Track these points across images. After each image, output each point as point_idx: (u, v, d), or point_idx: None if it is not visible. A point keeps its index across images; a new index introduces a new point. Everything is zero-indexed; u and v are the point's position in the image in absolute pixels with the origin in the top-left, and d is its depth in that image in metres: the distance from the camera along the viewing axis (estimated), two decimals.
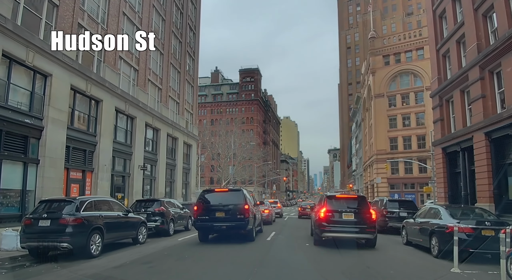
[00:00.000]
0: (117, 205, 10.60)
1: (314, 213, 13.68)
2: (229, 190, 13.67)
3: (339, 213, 11.45)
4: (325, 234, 11.50)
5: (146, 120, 26.83)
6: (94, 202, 9.45)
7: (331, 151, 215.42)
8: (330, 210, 11.54)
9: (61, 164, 17.06)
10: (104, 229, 9.07)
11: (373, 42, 49.60)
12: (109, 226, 9.50)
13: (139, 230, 11.55)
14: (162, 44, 30.74)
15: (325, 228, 11.37)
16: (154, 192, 28.28)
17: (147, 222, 13.35)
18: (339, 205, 11.82)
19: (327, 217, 11.42)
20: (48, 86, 16.69)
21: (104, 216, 9.52)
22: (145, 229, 11.97)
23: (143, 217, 12.45)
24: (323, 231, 11.47)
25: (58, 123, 16.94)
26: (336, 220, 11.35)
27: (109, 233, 9.38)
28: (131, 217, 11.02)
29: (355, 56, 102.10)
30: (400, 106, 46.53)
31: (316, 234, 12.07)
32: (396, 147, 46.13)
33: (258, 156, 67.82)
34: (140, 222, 11.62)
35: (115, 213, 10.30)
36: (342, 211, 11.46)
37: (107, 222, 9.51)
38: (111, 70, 21.94)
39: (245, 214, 12.24)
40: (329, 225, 11.32)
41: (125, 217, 10.62)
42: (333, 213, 11.46)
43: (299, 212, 30.18)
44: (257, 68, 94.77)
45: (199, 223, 12.58)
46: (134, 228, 11.13)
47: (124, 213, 10.70)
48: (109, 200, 10.91)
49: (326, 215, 11.45)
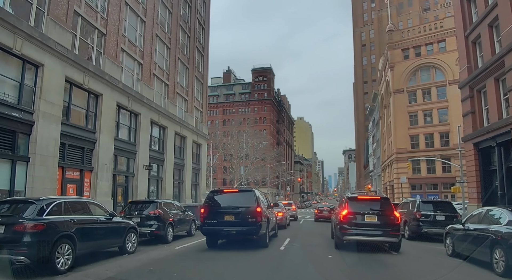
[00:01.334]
0: (98, 208, 8.81)
1: (335, 215, 13.16)
2: (240, 191, 12.29)
3: (361, 215, 11.01)
4: (347, 237, 10.93)
5: (152, 117, 25.33)
6: (65, 203, 7.69)
7: (346, 152, 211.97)
8: (352, 212, 11.08)
9: (54, 162, 15.59)
10: (76, 237, 7.27)
11: (391, 35, 47.23)
12: (84, 233, 7.73)
13: (127, 237, 9.71)
14: (169, 38, 29.27)
15: (346, 231, 10.88)
16: (161, 193, 26.75)
17: (141, 227, 11.66)
18: (361, 206, 11.37)
19: (349, 219, 10.99)
20: (40, 77, 15.27)
21: (78, 221, 7.71)
22: (135, 236, 10.18)
23: (134, 222, 10.71)
24: (344, 234, 10.94)
25: (51, 118, 15.49)
26: (358, 223, 10.90)
27: (84, 242, 7.58)
28: (116, 221, 9.16)
29: (370, 53, 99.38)
30: (421, 102, 43.99)
31: (337, 237, 11.54)
32: (417, 145, 43.60)
33: (271, 157, 65.92)
34: (128, 228, 9.77)
35: (94, 217, 8.45)
36: (364, 213, 11.02)
37: (82, 228, 7.73)
38: (111, 63, 20.48)
39: (257, 218, 10.86)
40: (351, 227, 10.84)
41: (107, 222, 8.81)
42: (355, 215, 11.02)
43: (316, 215, 28.15)
44: (270, 67, 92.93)
45: (206, 228, 11.27)
46: (119, 235, 9.33)
47: (107, 217, 8.85)
48: (86, 201, 9.17)
49: (348, 217, 11.02)
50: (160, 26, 27.54)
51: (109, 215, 8.89)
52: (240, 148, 55.62)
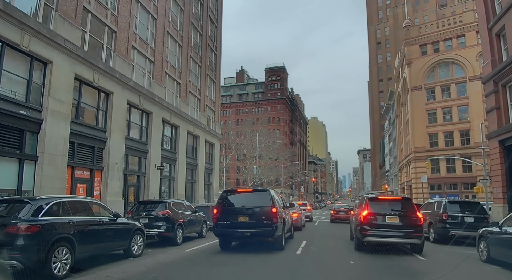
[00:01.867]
0: (101, 208, 8.24)
1: (354, 216, 12.76)
2: (254, 191, 11.68)
3: (382, 216, 10.72)
4: (367, 238, 10.63)
5: (163, 116, 24.93)
6: (64, 203, 7.10)
7: (360, 152, 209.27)
8: (373, 213, 10.80)
9: (63, 161, 15.24)
10: (75, 240, 6.71)
11: (408, 31, 45.87)
12: (85, 235, 7.17)
13: (133, 239, 9.10)
14: (181, 36, 28.87)
15: (367, 232, 10.60)
16: (173, 193, 26.33)
17: (149, 228, 11.14)
18: (382, 207, 11.08)
19: (369, 220, 10.70)
20: (48, 74, 14.95)
21: (78, 223, 7.13)
22: (142, 238, 9.57)
23: (142, 223, 10.14)
24: (365, 235, 10.64)
25: (60, 116, 15.16)
26: (379, 224, 10.61)
27: (84, 245, 7.03)
28: (120, 223, 8.65)
29: (385, 51, 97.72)
30: (440, 99, 42.55)
31: (357, 238, 11.24)
32: (436, 144, 42.21)
33: (285, 156, 65.13)
34: (134, 230, 9.13)
35: (96, 218, 7.85)
36: (385, 214, 10.73)
37: (82, 230, 7.16)
38: (122, 60, 20.12)
39: (273, 219, 10.30)
40: (372, 228, 10.57)
41: (111, 223, 8.21)
42: (375, 216, 10.74)
43: (332, 216, 27.28)
44: (283, 66, 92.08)
45: (218, 229, 10.75)
46: (125, 238, 8.75)
47: (111, 218, 8.36)
48: (88, 200, 8.50)
49: (368, 218, 10.74)
50: (171, 24, 27.16)
51: (113, 216, 8.33)
52: (253, 147, 55.04)
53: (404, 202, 11.38)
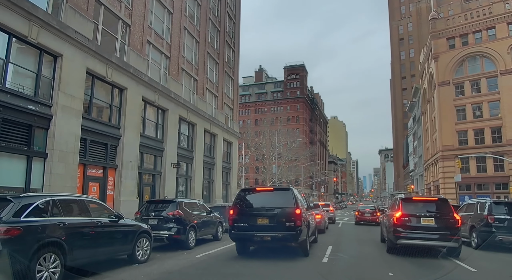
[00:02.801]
0: (100, 208, 7.29)
1: (386, 217, 12.35)
2: (275, 190, 10.62)
3: (416, 217, 10.29)
4: (400, 241, 10.23)
5: (180, 113, 24.17)
6: (54, 202, 6.12)
7: (382, 152, 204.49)
8: (407, 214, 10.37)
9: (74, 159, 14.59)
10: (66, 245, 5.79)
11: (435, 23, 43.75)
12: (79, 239, 6.25)
13: (138, 243, 8.09)
14: (198, 31, 28.08)
15: (400, 234, 10.19)
16: (190, 192, 25.56)
17: (158, 230, 10.24)
18: (417, 208, 10.61)
19: (403, 222, 10.28)
20: (58, 68, 14.33)
21: (70, 225, 6.15)
22: (148, 242, 8.53)
23: (150, 224, 9.21)
24: (398, 237, 10.25)
25: (70, 112, 14.51)
26: (413, 226, 10.19)
27: (78, 251, 6.06)
28: (123, 224, 7.67)
29: (408, 47, 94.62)
30: (469, 95, 40.28)
31: (390, 240, 10.88)
32: (465, 142, 39.95)
33: (305, 156, 63.69)
34: (139, 232, 8.11)
35: (93, 219, 6.83)
36: (420, 216, 10.28)
37: (75, 233, 6.19)
38: (136, 55, 19.43)
39: (297, 222, 9.14)
40: (405, 231, 10.14)
41: (111, 225, 7.23)
42: (409, 218, 10.32)
43: (356, 217, 25.82)
44: (303, 64, 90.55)
45: (235, 233, 9.65)
46: (128, 241, 7.76)
47: (112, 219, 7.39)
48: (85, 199, 7.35)
49: (402, 219, 10.31)
50: (188, 19, 26.40)
51: (115, 217, 7.41)
52: (272, 147, 53.90)
53: (440, 203, 10.82)
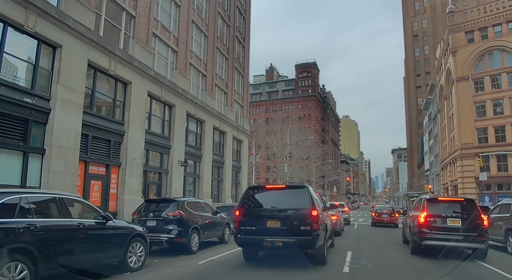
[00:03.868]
0: (85, 207, 6.28)
1: (410, 218, 12.15)
2: (288, 187, 9.28)
3: (442, 218, 10.24)
4: (426, 242, 10.15)
5: (188, 109, 23.31)
6: (23, 200, 5.16)
7: (395, 151, 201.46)
8: (432, 215, 10.32)
9: (75, 155, 13.81)
10: (37, 251, 4.84)
11: (452, 17, 42.09)
12: (55, 245, 5.20)
13: (130, 248, 7.05)
14: (207, 25, 27.21)
15: (425, 235, 10.14)
16: (198, 192, 24.70)
17: (157, 232, 9.33)
18: (442, 209, 10.56)
19: (429, 222, 10.23)
20: (57, 59, 13.54)
21: (43, 227, 5.16)
22: (143, 247, 7.47)
23: (148, 226, 8.31)
24: (423, 238, 10.19)
25: (71, 106, 13.73)
26: (439, 227, 10.14)
27: (54, 258, 5.01)
28: (112, 227, 6.65)
29: (423, 44, 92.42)
30: (489, 90, 38.56)
31: (415, 241, 10.81)
32: (485, 140, 38.23)
33: (317, 155, 62.43)
34: (132, 236, 7.07)
35: (72, 221, 5.74)
36: (446, 216, 10.22)
37: (50, 237, 5.18)
38: (142, 48, 18.61)
39: (313, 225, 7.94)
40: (431, 231, 10.09)
41: (98, 227, 6.23)
42: (435, 219, 10.28)
43: (373, 219, 24.52)
44: (314, 62, 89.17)
45: (242, 237, 8.36)
46: (118, 246, 6.73)
47: (98, 220, 6.37)
48: (66, 197, 6.12)
49: (427, 220, 10.26)
50: (196, 12, 25.53)
51: (102, 218, 6.42)
52: (283, 145, 52.83)
53: (466, 203, 10.65)
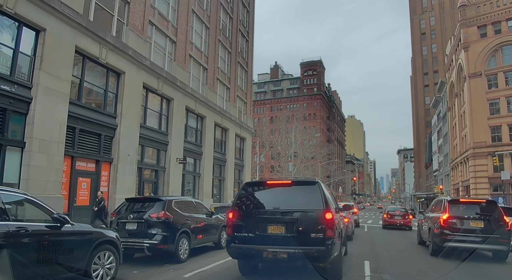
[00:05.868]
0: (32, 208, 4.89)
1: (430, 219, 11.76)
2: (295, 183, 7.24)
3: (465, 220, 10.18)
4: (447, 244, 9.99)
5: (187, 103, 22.06)
6: None
7: (401, 152, 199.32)
8: (454, 217, 10.27)
9: (59, 149, 12.59)
10: None
11: (464, 11, 40.48)
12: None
13: (96, 259, 5.62)
14: (208, 16, 25.95)
15: (447, 237, 10.03)
16: (198, 191, 23.43)
17: (138, 238, 7.90)
18: (464, 210, 10.57)
19: (450, 224, 10.18)
20: (40, 44, 12.34)
21: None
22: (113, 257, 5.97)
23: (124, 229, 6.94)
24: (444, 240, 10.05)
25: (56, 95, 12.53)
26: (461, 228, 10.05)
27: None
28: (69, 232, 5.21)
29: (431, 42, 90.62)
30: (503, 87, 36.91)
31: (435, 243, 10.57)
32: (499, 138, 36.57)
33: (322, 154, 60.98)
34: (99, 243, 5.65)
35: (9, 224, 4.34)
36: (469, 218, 10.16)
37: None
38: (137, 36, 17.38)
39: (327, 231, 6.18)
40: (453, 233, 9.99)
41: (48, 232, 4.92)
42: (457, 220, 10.22)
43: (385, 220, 22.96)
44: (320, 60, 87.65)
45: (236, 246, 6.60)
46: (79, 256, 5.31)
47: (50, 224, 5.00)
48: (2, 193, 4.62)
49: (449, 222, 10.20)
50: (197, 2, 24.28)
51: (55, 221, 5.01)
52: (288, 145, 51.46)
53: (488, 205, 10.57)
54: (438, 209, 11.42)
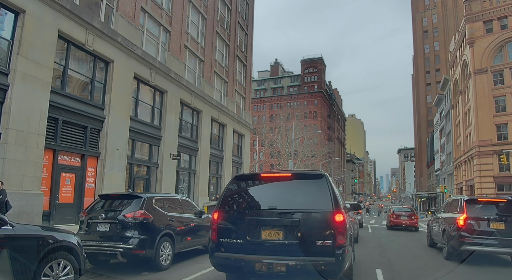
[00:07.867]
0: None
1: (445, 220, 10.81)
2: (296, 176, 5.85)
3: (485, 221, 9.34)
4: (466, 247, 9.15)
5: (182, 97, 21.04)
6: None
7: (401, 151, 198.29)
8: (473, 218, 9.43)
9: (39, 142, 11.58)
10: None
11: (469, 5, 39.39)
12: None
13: (47, 270, 4.50)
14: (205, 6, 24.90)
15: (465, 240, 9.20)
16: (194, 188, 22.43)
17: (111, 241, 6.76)
18: (484, 211, 9.65)
19: (469, 225, 9.35)
20: (19, 27, 11.33)
21: None
22: (70, 267, 4.84)
23: (95, 231, 5.83)
24: (462, 243, 9.21)
25: (35, 82, 11.52)
26: (481, 230, 9.21)
27: None
28: (8, 236, 4.10)
29: (433, 40, 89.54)
30: (509, 84, 35.75)
31: (452, 246, 9.71)
32: (505, 136, 35.52)
33: (323, 153, 59.97)
34: (49, 250, 4.54)
35: None
36: (489, 219, 9.32)
37: None
38: (127, 23, 16.34)
39: (338, 237, 4.92)
40: (472, 235, 9.18)
41: None
42: (476, 221, 9.37)
43: (390, 221, 21.85)
44: (321, 57, 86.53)
45: (220, 256, 5.31)
46: (23, 267, 4.14)
47: None
48: None
49: (468, 223, 9.38)
50: None
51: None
52: (288, 143, 50.45)
53: (509, 205, 9.62)
54: (454, 209, 10.52)
